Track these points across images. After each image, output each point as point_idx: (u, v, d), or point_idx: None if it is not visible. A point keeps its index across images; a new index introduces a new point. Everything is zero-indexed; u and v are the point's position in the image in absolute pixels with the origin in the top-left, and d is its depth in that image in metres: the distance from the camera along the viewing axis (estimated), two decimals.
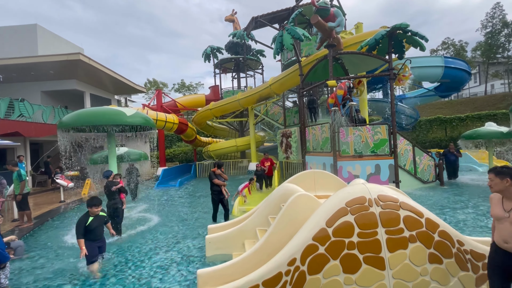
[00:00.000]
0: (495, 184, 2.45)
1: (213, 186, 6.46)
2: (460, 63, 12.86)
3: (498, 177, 2.42)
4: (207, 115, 16.45)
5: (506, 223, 2.38)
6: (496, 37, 27.13)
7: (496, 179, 2.43)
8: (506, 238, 2.38)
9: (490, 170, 2.51)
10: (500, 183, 2.41)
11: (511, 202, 2.39)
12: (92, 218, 4.15)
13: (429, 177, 9.36)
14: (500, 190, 2.45)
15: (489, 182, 2.51)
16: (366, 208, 2.91)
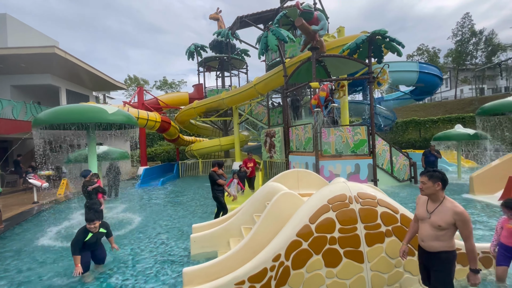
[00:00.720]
0: (427, 187, 2.50)
1: (215, 185, 6.38)
2: (433, 69, 13.69)
3: (431, 180, 2.48)
4: (190, 113, 16.25)
5: (426, 224, 2.51)
6: (465, 45, 29.10)
7: (429, 182, 2.49)
8: (423, 237, 2.54)
9: (423, 173, 2.57)
10: (431, 186, 2.47)
11: (434, 205, 2.49)
12: (91, 234, 3.89)
13: (404, 176, 9.88)
14: (430, 194, 2.51)
15: (420, 185, 2.55)
16: (347, 205, 3.08)
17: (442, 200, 2.47)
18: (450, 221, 2.36)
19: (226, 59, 19.22)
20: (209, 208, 7.95)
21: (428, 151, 10.22)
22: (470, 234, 2.35)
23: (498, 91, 37.20)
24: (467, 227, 2.33)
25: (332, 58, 9.59)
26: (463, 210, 2.34)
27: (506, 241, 3.13)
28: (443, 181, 2.46)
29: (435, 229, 2.43)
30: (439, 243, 2.43)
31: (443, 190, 2.49)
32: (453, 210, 2.35)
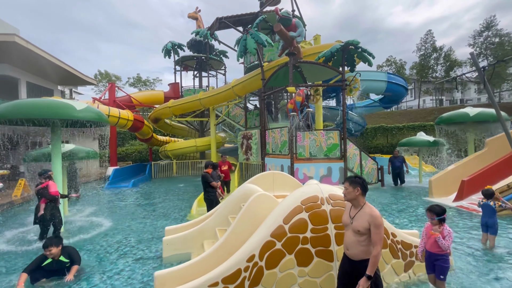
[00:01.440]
0: (348, 192, 2.52)
1: (207, 187, 6.21)
2: (400, 80, 14.74)
3: (352, 186, 2.49)
4: (165, 113, 15.79)
5: (350, 230, 2.51)
6: (427, 60, 31.73)
7: (350, 187, 2.50)
8: (347, 244, 2.53)
9: (346, 179, 2.61)
10: (352, 191, 2.49)
11: (355, 211, 2.51)
12: (50, 260, 3.59)
13: (373, 179, 10.47)
14: (351, 199, 2.53)
15: (344, 191, 2.57)
16: (319, 206, 3.22)
17: (362, 205, 2.50)
18: (366, 225, 2.37)
19: (204, 59, 19.00)
20: (183, 210, 7.79)
21: (393, 157, 10.71)
22: (380, 240, 2.34)
23: (454, 102, 41.01)
24: (379, 232, 2.33)
25: (308, 64, 9.92)
26: (378, 215, 2.36)
27: (430, 248, 3.13)
28: (362, 187, 2.49)
29: (356, 235, 2.43)
30: (361, 249, 2.41)
31: (364, 195, 2.52)
32: (369, 213, 2.38)
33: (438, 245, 3.00)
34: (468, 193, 7.44)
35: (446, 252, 3.03)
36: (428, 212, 3.17)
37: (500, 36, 26.12)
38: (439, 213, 3.07)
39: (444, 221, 3.11)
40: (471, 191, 7.43)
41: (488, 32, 26.75)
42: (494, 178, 7.24)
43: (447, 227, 3.07)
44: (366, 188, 2.53)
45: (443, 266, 3.04)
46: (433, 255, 3.09)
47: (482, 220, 4.52)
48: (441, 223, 3.09)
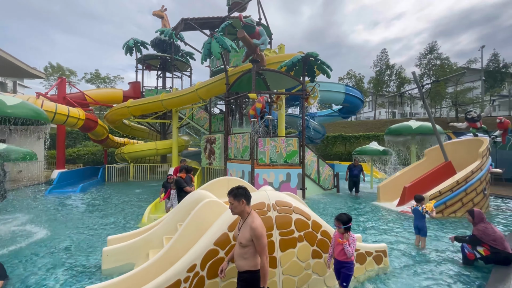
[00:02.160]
0: (235, 207, 2.42)
1: (182, 192, 5.99)
2: (357, 92, 15.86)
3: (236, 200, 2.40)
4: (123, 113, 14.85)
5: (237, 242, 2.42)
6: (382, 75, 34.77)
7: (235, 202, 2.40)
8: (234, 255, 2.48)
9: (229, 193, 2.46)
10: (238, 205, 2.40)
11: (242, 222, 2.42)
12: None
13: (329, 185, 10.98)
14: (239, 212, 2.43)
15: (230, 206, 2.46)
16: (265, 212, 3.24)
17: (247, 216, 2.42)
18: (248, 237, 2.29)
19: (168, 59, 18.38)
20: (136, 218, 7.31)
21: (353, 165, 10.66)
22: (263, 250, 2.27)
23: (405, 115, 45.38)
24: (260, 243, 2.26)
25: (272, 72, 10.17)
26: (257, 226, 2.28)
27: (338, 255, 3.16)
28: (246, 197, 2.43)
29: (240, 247, 2.37)
30: (244, 262, 2.34)
31: (248, 205, 2.46)
32: (250, 225, 2.29)
33: (344, 252, 3.07)
34: (409, 198, 8.16)
35: (350, 259, 3.11)
36: (335, 221, 3.20)
37: (440, 59, 29.76)
38: (345, 221, 3.13)
39: (349, 229, 3.18)
40: (411, 196, 8.16)
41: (431, 55, 30.28)
42: (430, 184, 8.07)
43: (352, 235, 3.17)
44: (249, 197, 2.46)
45: (347, 274, 3.12)
46: (339, 263, 3.15)
47: (414, 223, 4.99)
48: (347, 231, 3.16)
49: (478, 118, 8.80)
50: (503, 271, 3.78)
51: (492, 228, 4.11)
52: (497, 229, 4.18)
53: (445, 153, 8.63)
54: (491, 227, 4.14)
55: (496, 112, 35.05)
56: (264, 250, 2.30)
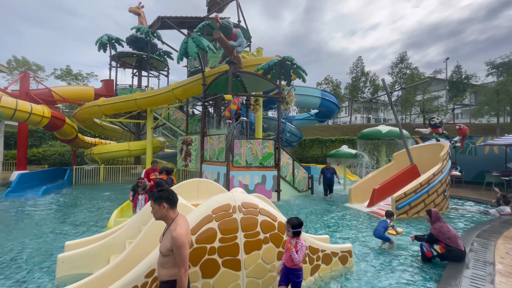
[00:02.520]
0: (155, 211, 2.20)
1: None
2: (332, 97, 16.37)
3: (157, 203, 2.18)
4: (94, 111, 14.13)
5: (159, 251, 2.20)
6: (357, 82, 36.37)
7: (155, 205, 2.19)
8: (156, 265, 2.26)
9: (150, 197, 2.27)
10: (159, 209, 2.19)
11: (166, 228, 2.21)
12: None
13: (304, 187, 11.17)
14: (161, 217, 2.21)
15: (151, 210, 2.24)
16: (230, 214, 3.20)
17: (171, 222, 2.20)
18: (168, 246, 2.09)
19: (145, 57, 17.83)
20: (101, 222, 6.93)
21: (325, 168, 10.60)
22: (181, 262, 2.07)
23: (379, 121, 47.62)
24: (179, 253, 2.05)
25: (249, 74, 10.20)
26: (178, 234, 2.05)
27: (287, 261, 3.03)
28: (168, 200, 2.19)
29: (161, 256, 2.17)
30: (164, 271, 2.15)
31: (172, 208, 2.23)
32: (171, 234, 2.08)
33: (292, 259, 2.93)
34: (378, 199, 8.52)
35: (298, 266, 2.98)
36: (286, 224, 3.09)
37: (410, 69, 31.74)
38: (295, 225, 3.00)
39: (299, 234, 3.05)
40: (380, 198, 8.55)
41: (402, 64, 32.18)
42: (397, 186, 8.46)
43: (302, 240, 3.05)
44: (173, 200, 2.23)
45: (296, 281, 3.01)
46: (288, 269, 3.02)
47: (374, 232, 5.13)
48: (297, 236, 3.03)
49: (440, 124, 9.41)
50: (456, 268, 4.03)
51: (447, 227, 4.37)
52: (452, 228, 4.46)
53: (410, 157, 9.12)
54: (447, 226, 4.40)
55: (458, 119, 37.85)
56: (183, 262, 2.08)
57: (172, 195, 2.25)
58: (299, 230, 3.04)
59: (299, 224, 3.03)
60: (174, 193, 2.29)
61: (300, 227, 3.04)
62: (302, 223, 3.09)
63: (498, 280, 3.63)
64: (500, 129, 25.37)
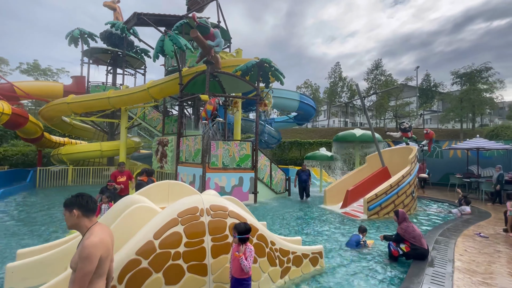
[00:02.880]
0: (67, 219, 1.88)
1: None
2: (310, 101, 16.72)
3: (68, 210, 1.87)
4: (62, 109, 13.29)
5: None
6: (335, 86, 37.55)
7: (66, 212, 1.87)
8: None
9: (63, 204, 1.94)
10: (70, 217, 1.86)
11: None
12: None
13: (281, 189, 11.22)
14: (73, 225, 1.88)
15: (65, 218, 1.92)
16: (197, 217, 3.10)
17: (85, 231, 1.88)
18: (76, 259, 1.74)
19: (120, 54, 17.12)
20: (65, 226, 6.47)
21: (301, 170, 10.53)
22: (78, 280, 1.68)
23: (356, 124, 49.42)
24: (80, 267, 1.68)
25: (227, 75, 10.10)
26: (88, 245, 1.72)
27: (235, 272, 2.79)
28: (80, 207, 1.88)
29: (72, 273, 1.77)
30: None
31: (87, 216, 1.91)
32: (81, 244, 1.77)
33: (242, 268, 2.70)
34: (351, 201, 8.75)
35: (248, 275, 2.77)
36: (233, 230, 2.90)
37: (384, 76, 33.35)
38: (242, 231, 2.81)
39: (246, 241, 2.85)
40: (353, 199, 8.79)
41: (377, 71, 33.73)
42: (369, 188, 8.75)
43: (250, 246, 2.85)
44: (87, 206, 1.91)
45: None
46: (236, 281, 2.77)
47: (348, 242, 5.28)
48: (244, 243, 2.83)
49: (410, 129, 9.90)
50: (419, 266, 4.20)
51: (412, 227, 4.56)
52: (417, 228, 4.66)
53: (382, 159, 9.49)
54: (412, 226, 4.59)
55: (427, 124, 40.24)
56: (79, 281, 1.67)
57: (87, 201, 1.92)
58: (247, 236, 2.86)
59: (246, 230, 2.85)
60: (91, 199, 1.97)
61: (248, 233, 2.87)
62: (250, 229, 2.93)
63: (456, 276, 3.83)
64: (463, 134, 27.29)
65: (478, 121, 34.15)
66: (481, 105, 26.57)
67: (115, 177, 7.12)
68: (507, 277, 3.89)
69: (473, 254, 4.75)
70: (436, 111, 39.70)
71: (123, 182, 7.06)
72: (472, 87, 26.67)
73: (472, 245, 5.23)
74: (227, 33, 15.23)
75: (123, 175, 7.22)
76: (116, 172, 7.27)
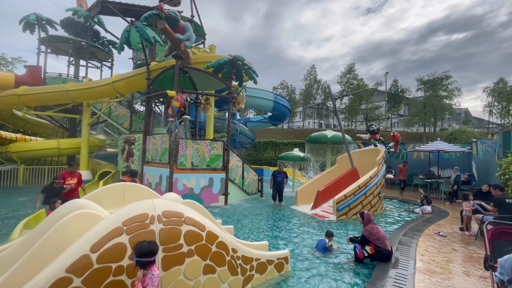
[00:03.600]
0: None
1: None
2: (285, 101, 16.74)
3: None
4: (12, 102, 11.93)
5: None
6: (310, 88, 38.37)
7: None
8: None
9: None
10: None
11: None
12: None
13: (253, 190, 11.02)
14: None
15: None
16: (146, 225, 2.75)
17: None
18: None
19: (84, 45, 15.83)
20: (7, 232, 5.70)
21: (277, 171, 9.63)
22: None
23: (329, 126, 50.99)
24: None
25: (200, 72, 9.67)
26: None
27: None
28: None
29: None
30: None
31: None
32: None
33: None
34: (321, 201, 8.79)
35: None
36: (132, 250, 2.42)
37: (357, 79, 34.74)
38: (143, 253, 2.29)
39: (149, 265, 2.31)
40: (323, 200, 8.84)
41: (350, 75, 35.02)
42: (339, 188, 8.85)
43: (154, 272, 2.33)
44: None
45: None
46: None
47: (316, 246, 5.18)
48: (146, 268, 2.31)
49: (378, 131, 10.21)
50: (383, 268, 4.20)
51: (377, 229, 4.57)
52: (381, 229, 4.68)
53: (351, 161, 9.67)
54: (377, 227, 4.60)
55: (395, 127, 42.63)
56: None
57: None
58: (148, 260, 2.29)
59: (148, 252, 2.29)
60: None
61: (152, 256, 2.32)
62: (155, 250, 2.37)
63: (417, 278, 3.86)
64: (426, 137, 29.22)
65: (439, 125, 36.82)
66: (442, 111, 28.63)
67: (64, 178, 6.19)
68: (463, 276, 4.00)
69: (432, 254, 4.89)
70: (402, 115, 42.15)
71: (74, 183, 6.19)
72: (434, 94, 28.65)
73: (432, 245, 5.40)
74: (201, 28, 14.75)
75: (73, 176, 6.29)
76: (65, 172, 6.32)
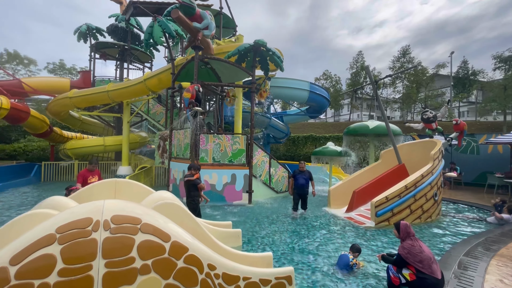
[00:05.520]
0: None
1: (191, 192, 5.53)
2: (322, 91, 15.16)
3: None
4: (65, 104, 13.27)
5: None
6: (357, 77, 34.84)
7: None
8: None
9: None
10: None
11: None
12: None
13: (282, 188, 10.13)
14: None
15: None
16: (87, 233, 2.22)
17: None
18: None
19: (126, 48, 16.90)
20: None
21: (298, 171, 7.20)
22: None
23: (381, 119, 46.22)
24: None
25: (223, 63, 9.16)
26: None
27: None
28: None
29: None
30: None
31: None
32: None
33: None
34: (358, 203, 7.47)
35: None
36: None
37: (413, 63, 30.23)
38: None
39: None
40: (361, 202, 7.49)
41: (404, 59, 30.69)
42: (381, 189, 7.36)
43: None
44: None
45: None
46: None
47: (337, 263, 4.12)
48: None
49: (434, 119, 8.28)
50: None
51: (419, 247, 3.33)
52: (426, 247, 3.42)
53: (398, 155, 8.04)
54: (419, 245, 3.36)
55: (463, 117, 36.25)
56: None
57: None
58: None
59: None
60: None
61: None
62: None
63: None
64: (507, 127, 23.90)
65: None
66: None
67: (84, 177, 5.93)
68: None
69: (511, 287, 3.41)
70: (473, 102, 35.57)
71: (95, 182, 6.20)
72: None
73: (510, 272, 3.85)
74: (231, 21, 14.29)
75: (94, 174, 6.10)
76: (85, 171, 6.12)
